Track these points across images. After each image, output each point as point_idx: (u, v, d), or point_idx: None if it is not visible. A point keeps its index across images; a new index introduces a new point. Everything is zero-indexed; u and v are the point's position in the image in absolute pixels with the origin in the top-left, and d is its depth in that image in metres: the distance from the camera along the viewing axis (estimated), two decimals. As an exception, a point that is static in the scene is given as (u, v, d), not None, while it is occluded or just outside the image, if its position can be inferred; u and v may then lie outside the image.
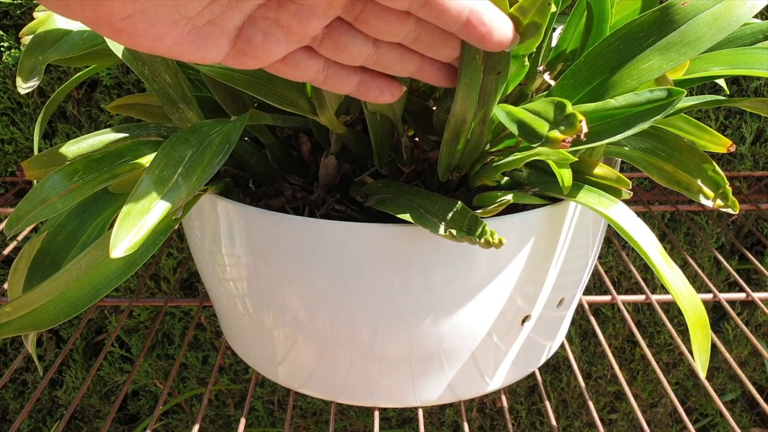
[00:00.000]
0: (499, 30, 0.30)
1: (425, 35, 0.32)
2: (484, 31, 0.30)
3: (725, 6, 0.34)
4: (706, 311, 0.38)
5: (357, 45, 0.32)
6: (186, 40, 0.29)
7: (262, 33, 0.31)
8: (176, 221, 0.37)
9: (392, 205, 0.38)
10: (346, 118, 0.42)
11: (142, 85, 0.75)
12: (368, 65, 0.34)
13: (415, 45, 0.33)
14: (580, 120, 0.29)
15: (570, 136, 0.29)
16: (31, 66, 0.41)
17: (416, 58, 0.34)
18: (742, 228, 0.87)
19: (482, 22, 0.30)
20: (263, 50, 0.31)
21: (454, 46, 0.33)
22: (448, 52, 0.33)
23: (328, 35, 0.32)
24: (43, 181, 0.36)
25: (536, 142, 0.30)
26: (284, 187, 0.45)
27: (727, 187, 0.40)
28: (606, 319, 0.90)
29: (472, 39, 0.31)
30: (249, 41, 0.31)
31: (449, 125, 0.36)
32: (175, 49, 0.30)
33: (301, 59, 0.33)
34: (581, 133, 0.29)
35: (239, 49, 0.31)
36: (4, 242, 0.81)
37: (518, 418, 0.96)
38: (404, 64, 0.34)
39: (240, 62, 0.32)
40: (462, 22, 0.30)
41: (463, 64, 0.33)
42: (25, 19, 0.73)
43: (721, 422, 0.96)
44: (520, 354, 0.46)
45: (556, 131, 0.29)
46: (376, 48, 0.33)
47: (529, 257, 0.41)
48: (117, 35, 0.29)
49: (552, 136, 0.29)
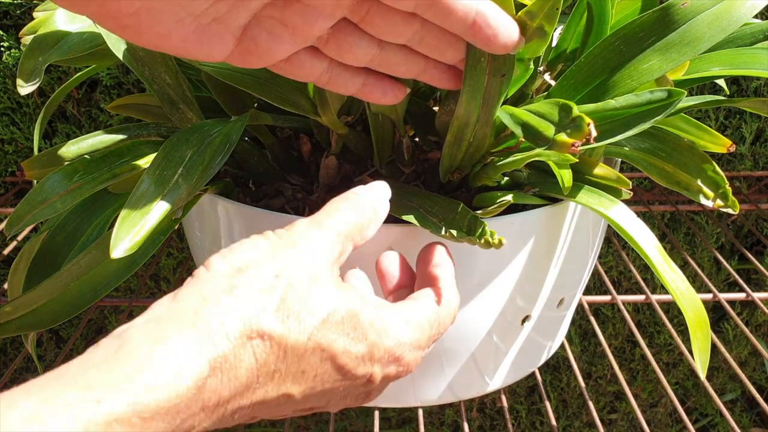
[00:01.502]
0: (505, 32, 0.30)
1: (430, 37, 0.32)
2: (490, 34, 0.30)
3: (725, 6, 0.34)
4: (706, 311, 0.38)
5: (362, 46, 0.32)
6: (191, 37, 0.29)
7: (268, 32, 0.31)
8: (176, 221, 0.37)
9: (393, 206, 0.38)
10: (348, 119, 0.42)
11: (142, 85, 0.75)
12: (372, 66, 0.33)
13: (420, 47, 0.32)
14: (588, 123, 0.29)
15: (579, 140, 0.29)
16: (31, 67, 0.41)
17: (421, 60, 0.33)
18: (742, 228, 0.87)
19: (488, 24, 0.30)
20: (268, 49, 0.31)
21: (459, 48, 0.32)
22: (453, 54, 0.33)
23: (333, 36, 0.32)
24: (43, 181, 0.36)
25: (543, 145, 0.30)
26: (284, 188, 0.45)
27: (727, 187, 0.39)
28: (606, 319, 0.91)
29: (477, 41, 0.30)
30: (254, 40, 0.31)
31: (452, 127, 0.36)
32: (180, 47, 0.30)
33: (306, 59, 0.33)
34: (590, 136, 0.28)
35: (244, 47, 0.31)
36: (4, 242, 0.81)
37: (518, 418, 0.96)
38: (409, 66, 0.33)
39: (245, 61, 0.32)
40: (468, 24, 0.30)
41: (468, 66, 0.33)
42: (25, 19, 0.73)
43: (721, 422, 0.96)
44: (520, 354, 0.46)
45: (563, 134, 0.29)
46: (381, 49, 0.33)
47: (529, 257, 0.41)
48: (122, 31, 0.29)
49: (560, 140, 0.29)
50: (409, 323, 0.30)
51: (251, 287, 0.26)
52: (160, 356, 0.23)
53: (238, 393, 0.25)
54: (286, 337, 0.26)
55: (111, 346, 0.23)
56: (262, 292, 0.26)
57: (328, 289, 0.28)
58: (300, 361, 0.27)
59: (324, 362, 0.28)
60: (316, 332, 0.27)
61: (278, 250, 0.28)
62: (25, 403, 0.20)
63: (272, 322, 0.26)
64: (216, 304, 0.26)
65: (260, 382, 0.26)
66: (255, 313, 0.26)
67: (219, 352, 0.24)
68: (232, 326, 0.25)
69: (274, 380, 0.26)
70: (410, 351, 0.30)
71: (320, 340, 0.27)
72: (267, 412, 0.27)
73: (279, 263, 0.28)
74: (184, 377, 0.23)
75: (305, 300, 0.27)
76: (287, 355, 0.26)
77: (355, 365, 0.28)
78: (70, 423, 0.20)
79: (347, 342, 0.28)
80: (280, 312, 0.26)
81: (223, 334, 0.25)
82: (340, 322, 0.28)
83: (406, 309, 0.31)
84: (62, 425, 0.20)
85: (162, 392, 0.22)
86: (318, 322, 0.27)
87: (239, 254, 0.28)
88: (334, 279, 0.29)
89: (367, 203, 0.32)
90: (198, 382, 0.23)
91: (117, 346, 0.23)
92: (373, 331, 0.29)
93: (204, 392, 0.24)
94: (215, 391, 0.24)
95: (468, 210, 0.36)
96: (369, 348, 0.29)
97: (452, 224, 0.35)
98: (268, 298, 0.26)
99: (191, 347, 0.24)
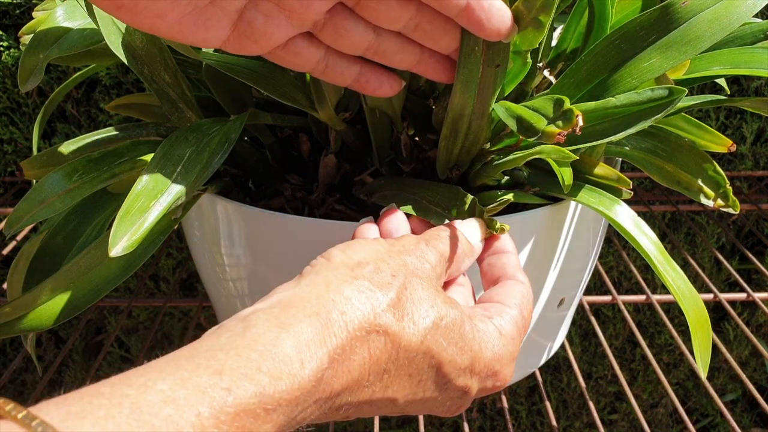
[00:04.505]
0: (498, 17, 0.30)
1: (425, 23, 0.32)
2: (483, 17, 0.30)
3: (725, 5, 0.34)
4: (706, 311, 0.38)
5: (358, 31, 0.32)
6: (187, 19, 0.29)
7: (264, 15, 0.31)
8: (175, 221, 0.37)
9: (396, 201, 0.38)
10: (345, 115, 0.42)
11: (141, 84, 0.75)
12: (368, 55, 0.34)
13: (416, 34, 0.33)
14: (577, 114, 0.29)
15: (565, 130, 0.29)
16: (32, 65, 0.41)
17: (416, 50, 0.34)
18: (742, 228, 0.87)
19: (482, 7, 0.30)
20: (264, 33, 0.31)
21: (454, 36, 0.33)
22: (448, 42, 0.33)
23: (329, 20, 0.32)
24: (42, 181, 0.36)
25: (532, 136, 0.31)
26: (284, 187, 0.45)
27: (728, 187, 0.39)
28: (606, 320, 0.90)
29: (470, 24, 0.31)
30: (250, 24, 0.31)
31: (447, 119, 0.36)
32: (175, 29, 0.30)
33: (303, 46, 0.33)
34: (577, 127, 0.29)
35: (240, 32, 0.31)
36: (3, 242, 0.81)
37: (518, 418, 0.96)
38: (404, 55, 0.34)
39: (241, 46, 0.32)
40: (461, 7, 0.30)
41: (462, 55, 0.33)
42: (25, 19, 0.73)
43: (722, 422, 0.96)
44: (521, 354, 0.46)
45: (552, 126, 0.30)
46: (376, 36, 0.33)
47: (529, 257, 0.41)
48: (118, 10, 0.29)
49: (548, 131, 0.30)
50: (503, 335, 0.31)
51: (371, 281, 0.27)
52: (284, 344, 0.23)
53: (348, 388, 0.25)
54: (400, 336, 0.27)
55: (236, 329, 0.24)
56: (381, 287, 0.27)
57: (438, 297, 0.29)
58: (410, 363, 0.27)
59: (430, 369, 0.28)
60: (429, 336, 0.27)
61: (393, 254, 0.29)
62: (161, 383, 0.21)
63: (389, 318, 0.26)
64: (338, 292, 0.26)
65: (370, 380, 0.26)
66: (373, 307, 0.26)
67: (338, 343, 0.25)
68: (352, 317, 0.26)
69: (383, 381, 0.27)
70: (507, 364, 0.31)
71: (431, 346, 0.28)
72: (366, 412, 0.28)
73: (393, 265, 0.29)
74: (306, 368, 0.23)
75: (418, 303, 0.28)
76: (399, 355, 0.27)
77: (456, 376, 0.29)
78: (204, 410, 0.21)
79: (455, 351, 0.28)
80: (397, 310, 0.27)
81: (343, 325, 0.25)
82: (450, 330, 0.28)
83: (498, 318, 0.31)
84: (195, 412, 0.21)
85: (286, 383, 0.23)
86: (430, 325, 0.28)
87: (358, 250, 0.29)
88: (440, 290, 0.30)
89: (464, 237, 0.33)
90: (318, 374, 0.24)
91: (242, 329, 0.24)
92: (475, 343, 0.29)
93: (321, 384, 0.24)
94: (329, 384, 0.25)
95: (469, 195, 0.36)
96: (471, 360, 0.29)
97: (454, 210, 0.35)
98: (386, 295, 0.27)
99: (314, 337, 0.24)
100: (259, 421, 0.22)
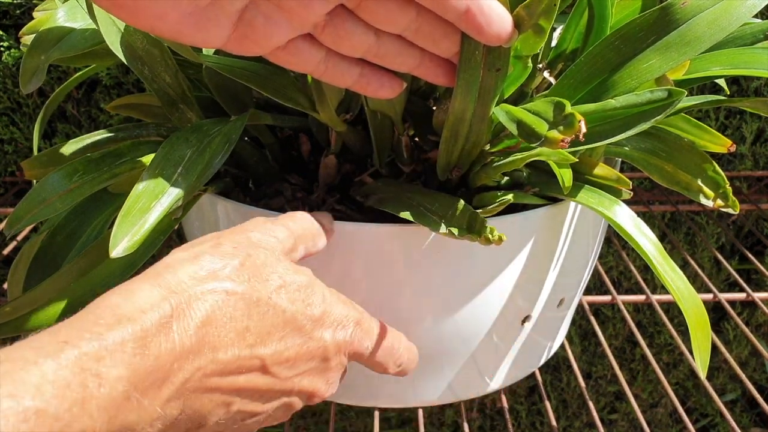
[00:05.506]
0: (498, 22, 0.30)
1: (426, 26, 0.32)
2: (483, 22, 0.30)
3: (725, 6, 0.34)
4: (706, 311, 0.38)
5: (358, 34, 0.32)
6: (188, 20, 0.30)
7: (264, 16, 0.31)
8: (176, 221, 0.37)
9: (393, 204, 0.38)
10: (346, 117, 0.42)
11: (141, 85, 0.75)
12: (369, 58, 0.34)
13: (416, 37, 0.33)
14: (579, 120, 0.29)
15: (569, 136, 0.29)
16: (34, 66, 0.41)
17: (417, 53, 0.34)
18: (742, 228, 0.87)
19: (482, 12, 0.30)
20: (265, 34, 0.31)
21: (454, 40, 0.33)
22: (449, 46, 0.33)
23: (330, 22, 0.32)
24: (42, 181, 0.36)
25: (535, 141, 0.30)
26: (284, 187, 0.45)
27: (728, 187, 0.39)
28: (606, 319, 0.90)
29: (471, 29, 0.31)
30: (251, 24, 0.31)
31: (448, 122, 0.36)
32: (176, 30, 0.30)
33: (303, 47, 0.33)
34: (580, 133, 0.29)
35: (241, 32, 0.31)
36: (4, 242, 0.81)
37: (518, 418, 0.96)
38: (405, 58, 0.34)
39: (242, 47, 0.32)
40: (461, 11, 0.30)
41: (463, 59, 0.33)
42: (25, 19, 0.73)
43: (722, 422, 0.96)
44: (520, 354, 0.46)
45: (554, 131, 0.30)
46: (377, 38, 0.33)
47: (529, 257, 0.41)
48: (118, 11, 0.29)
49: (551, 136, 0.30)
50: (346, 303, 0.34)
51: (212, 254, 0.29)
52: (124, 305, 0.26)
53: (209, 343, 0.27)
54: (249, 295, 0.29)
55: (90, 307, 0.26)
56: (223, 256, 0.29)
57: (284, 263, 0.32)
58: (264, 319, 0.29)
59: (286, 325, 0.30)
60: (276, 295, 0.30)
61: (236, 231, 0.32)
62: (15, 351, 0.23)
63: (234, 279, 0.29)
64: (179, 267, 0.28)
65: (230, 337, 0.28)
66: (215, 270, 0.29)
67: (182, 299, 0.27)
68: (193, 278, 0.28)
69: (246, 340, 0.28)
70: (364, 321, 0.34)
71: (280, 302, 0.30)
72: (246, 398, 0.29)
73: (236, 239, 0.31)
74: (147, 314, 0.25)
75: (262, 267, 0.30)
76: (251, 311, 0.29)
77: (311, 328, 0.31)
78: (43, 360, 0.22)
79: (303, 306, 0.31)
80: (242, 273, 0.29)
81: (186, 287, 0.27)
82: (297, 291, 0.31)
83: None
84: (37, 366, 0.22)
85: (127, 328, 0.25)
86: (278, 284, 0.30)
87: (200, 241, 0.31)
88: (287, 259, 0.32)
89: (312, 218, 0.36)
90: (162, 320, 0.26)
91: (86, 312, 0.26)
92: (325, 302, 0.32)
93: (170, 332, 0.26)
94: (181, 336, 0.26)
95: (468, 207, 0.36)
96: (321, 313, 0.32)
97: (452, 221, 0.35)
98: (229, 261, 0.29)
99: (153, 293, 0.26)
100: (101, 364, 0.23)
